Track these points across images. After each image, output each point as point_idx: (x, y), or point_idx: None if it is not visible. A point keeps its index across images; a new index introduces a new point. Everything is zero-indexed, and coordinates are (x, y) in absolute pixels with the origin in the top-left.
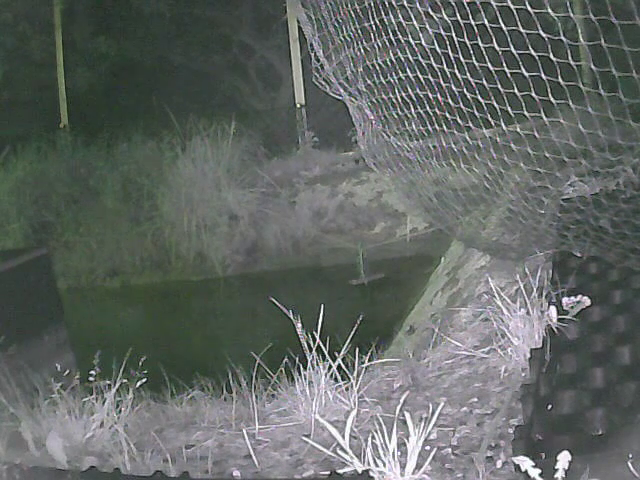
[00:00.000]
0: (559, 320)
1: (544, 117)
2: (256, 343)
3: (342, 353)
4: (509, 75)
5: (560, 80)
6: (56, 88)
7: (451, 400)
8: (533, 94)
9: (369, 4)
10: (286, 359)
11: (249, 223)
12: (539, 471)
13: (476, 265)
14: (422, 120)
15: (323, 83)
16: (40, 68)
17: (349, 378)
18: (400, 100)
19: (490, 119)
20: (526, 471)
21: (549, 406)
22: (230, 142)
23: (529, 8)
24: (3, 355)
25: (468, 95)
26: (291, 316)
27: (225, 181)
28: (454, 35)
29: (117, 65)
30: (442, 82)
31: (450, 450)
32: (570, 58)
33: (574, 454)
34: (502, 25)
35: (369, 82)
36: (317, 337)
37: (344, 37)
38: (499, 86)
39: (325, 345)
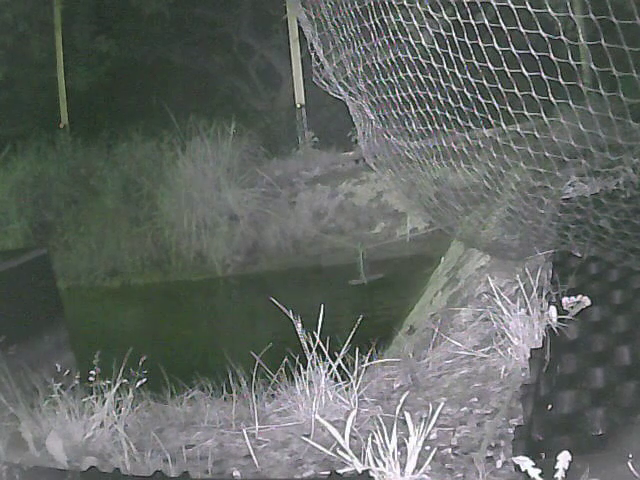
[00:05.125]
0: (559, 320)
1: (544, 117)
2: (256, 343)
3: (342, 353)
4: (509, 75)
5: (560, 80)
6: (56, 88)
7: (451, 400)
8: (533, 94)
9: (369, 4)
10: (286, 359)
11: (249, 223)
12: (539, 471)
13: (476, 265)
14: (422, 120)
15: (323, 83)
16: (40, 68)
17: (349, 378)
18: (400, 100)
19: (490, 119)
20: (526, 471)
21: (549, 406)
22: (230, 142)
23: (529, 8)
24: (3, 355)
25: (468, 95)
26: (291, 316)
27: (225, 181)
28: (454, 35)
29: (117, 65)
30: (442, 82)
31: (450, 450)
32: (570, 58)
33: (574, 454)
34: (502, 25)
35: (369, 82)
36: (317, 337)
37: (344, 37)
38: (499, 86)
39: (325, 345)
